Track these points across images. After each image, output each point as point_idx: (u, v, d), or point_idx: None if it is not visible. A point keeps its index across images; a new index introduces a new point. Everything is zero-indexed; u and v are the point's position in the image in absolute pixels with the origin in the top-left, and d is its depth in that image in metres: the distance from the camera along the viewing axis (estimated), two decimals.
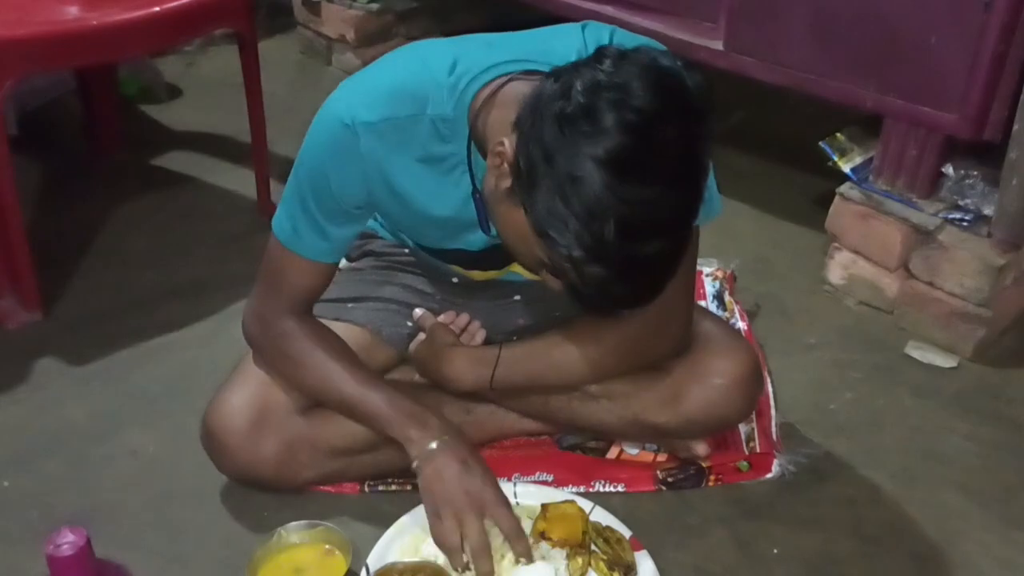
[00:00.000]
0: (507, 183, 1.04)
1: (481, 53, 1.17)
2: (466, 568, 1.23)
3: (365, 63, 2.82)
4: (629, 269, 0.99)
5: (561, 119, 0.97)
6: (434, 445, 1.26)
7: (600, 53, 1.00)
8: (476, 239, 1.28)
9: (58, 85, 2.48)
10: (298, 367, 1.33)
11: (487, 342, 1.44)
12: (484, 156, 1.16)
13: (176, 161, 2.39)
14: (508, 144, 1.03)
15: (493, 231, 1.19)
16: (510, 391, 1.42)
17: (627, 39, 1.18)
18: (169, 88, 2.72)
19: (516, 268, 1.39)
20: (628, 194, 0.95)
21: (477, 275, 1.42)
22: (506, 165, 1.04)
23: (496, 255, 1.30)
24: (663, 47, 1.20)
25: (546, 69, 1.12)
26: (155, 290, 1.91)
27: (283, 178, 2.26)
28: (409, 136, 1.17)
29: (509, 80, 1.13)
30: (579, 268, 0.99)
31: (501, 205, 1.08)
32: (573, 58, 1.10)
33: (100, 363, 1.70)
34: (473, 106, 1.15)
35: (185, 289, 1.91)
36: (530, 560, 1.24)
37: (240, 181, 2.23)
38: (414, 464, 1.27)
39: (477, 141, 1.16)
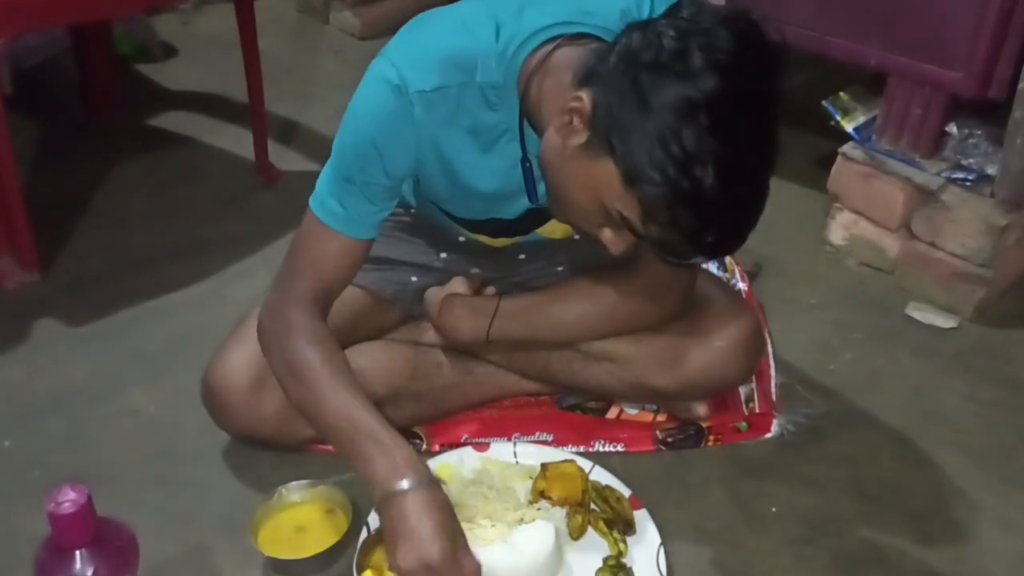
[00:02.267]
0: (580, 139, 1.03)
1: (523, 17, 1.15)
2: None
3: (363, 22, 2.81)
4: (722, 213, 0.99)
5: (655, 66, 0.97)
6: (400, 486, 1.10)
7: (677, 6, 1.02)
8: (515, 207, 1.26)
9: (52, 44, 2.45)
10: (289, 367, 1.22)
11: None
12: (533, 124, 1.15)
13: (173, 121, 2.37)
14: (587, 97, 1.02)
15: (541, 198, 1.18)
16: (508, 344, 1.42)
17: None
18: (165, 47, 2.69)
19: (539, 231, 1.38)
20: (726, 137, 0.95)
21: (492, 241, 1.41)
22: (577, 121, 1.03)
23: (526, 221, 1.29)
24: None
25: (592, 31, 1.12)
26: (153, 250, 1.90)
27: (281, 138, 2.27)
28: (459, 105, 1.15)
29: (558, 46, 1.12)
30: (674, 214, 0.99)
31: (572, 163, 1.06)
32: (617, 17, 1.11)
33: (99, 323, 1.70)
34: (523, 72, 1.13)
35: (183, 249, 1.90)
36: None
37: (237, 141, 2.22)
38: (375, 502, 1.14)
39: (527, 108, 1.15)
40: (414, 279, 1.46)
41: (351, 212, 1.22)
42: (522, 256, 1.47)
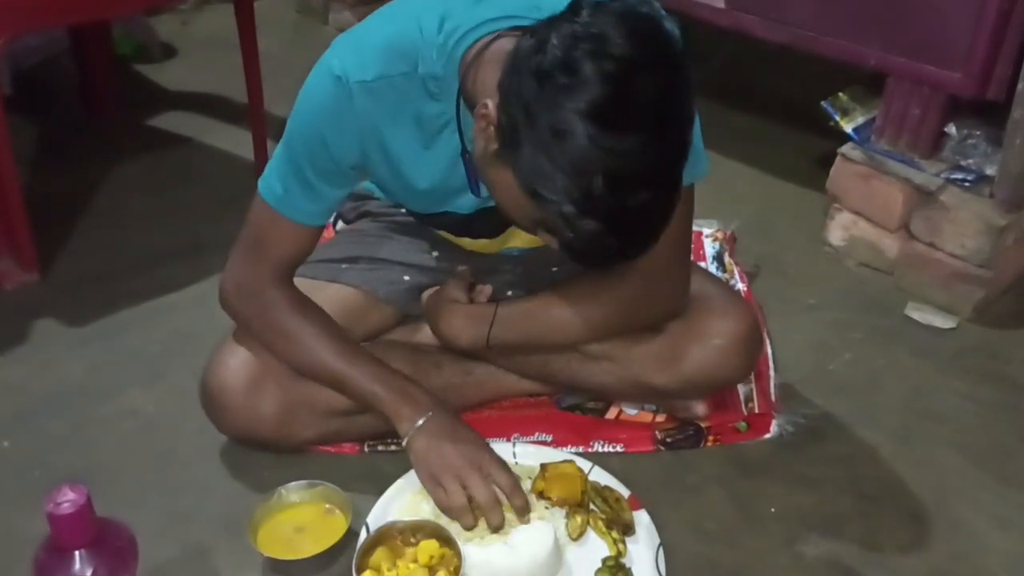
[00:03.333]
0: (494, 145, 1.03)
1: (470, 9, 1.15)
2: (475, 526, 1.24)
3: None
4: (620, 220, 0.98)
5: (539, 74, 0.95)
6: (421, 421, 1.28)
7: (576, 4, 0.99)
8: (465, 202, 1.26)
9: (52, 44, 2.46)
10: (285, 340, 1.31)
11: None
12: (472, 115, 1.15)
13: (172, 121, 2.37)
14: (492, 105, 1.02)
15: (483, 192, 1.18)
16: (507, 349, 1.42)
17: None
18: (164, 47, 2.70)
19: (511, 243, 1.39)
20: (613, 144, 0.93)
21: (467, 243, 1.41)
22: (491, 127, 1.03)
23: (488, 219, 1.29)
24: None
25: (533, 25, 1.10)
26: (153, 251, 1.90)
27: (279, 138, 2.26)
28: (402, 95, 1.16)
29: (496, 38, 1.11)
30: (571, 223, 0.98)
31: (491, 168, 1.06)
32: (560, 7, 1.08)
33: (99, 323, 1.70)
34: (463, 64, 1.13)
35: (183, 250, 1.90)
36: (527, 515, 1.25)
37: (237, 141, 2.22)
38: (404, 440, 1.28)
39: (467, 100, 1.15)
40: (407, 278, 1.46)
41: (293, 196, 1.24)
42: (515, 254, 1.47)
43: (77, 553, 1.02)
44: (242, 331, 1.35)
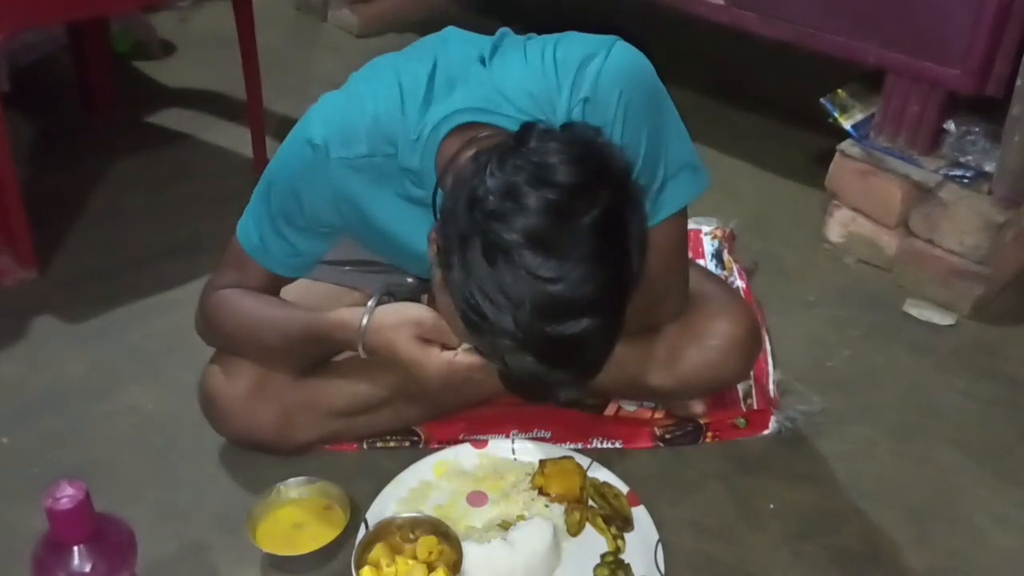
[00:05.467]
0: (440, 275, 1.01)
1: (448, 94, 1.14)
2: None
3: (361, 20, 2.81)
4: (555, 352, 0.95)
5: (472, 201, 0.94)
6: (365, 320, 1.20)
7: (525, 131, 0.98)
8: None
9: (50, 41, 2.45)
10: (233, 322, 1.29)
11: None
12: None
13: (171, 118, 2.36)
14: (436, 237, 1.01)
15: None
16: None
17: (570, 49, 1.16)
18: (162, 44, 2.69)
19: None
20: (543, 274, 0.91)
21: None
22: (439, 256, 1.01)
23: None
24: (611, 39, 1.18)
25: (498, 121, 1.11)
26: (151, 248, 1.90)
27: (279, 135, 2.24)
28: (387, 173, 1.16)
29: (469, 142, 1.09)
30: (506, 357, 0.96)
31: (441, 294, 1.04)
32: (527, 101, 1.11)
33: (97, 320, 1.70)
34: (439, 160, 1.13)
35: (181, 247, 1.90)
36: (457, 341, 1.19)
37: (235, 138, 2.22)
38: (360, 348, 1.22)
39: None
40: (410, 280, 1.46)
41: (270, 249, 1.25)
42: None
43: (76, 548, 1.02)
44: (203, 335, 1.35)
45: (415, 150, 1.14)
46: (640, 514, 1.31)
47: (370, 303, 1.22)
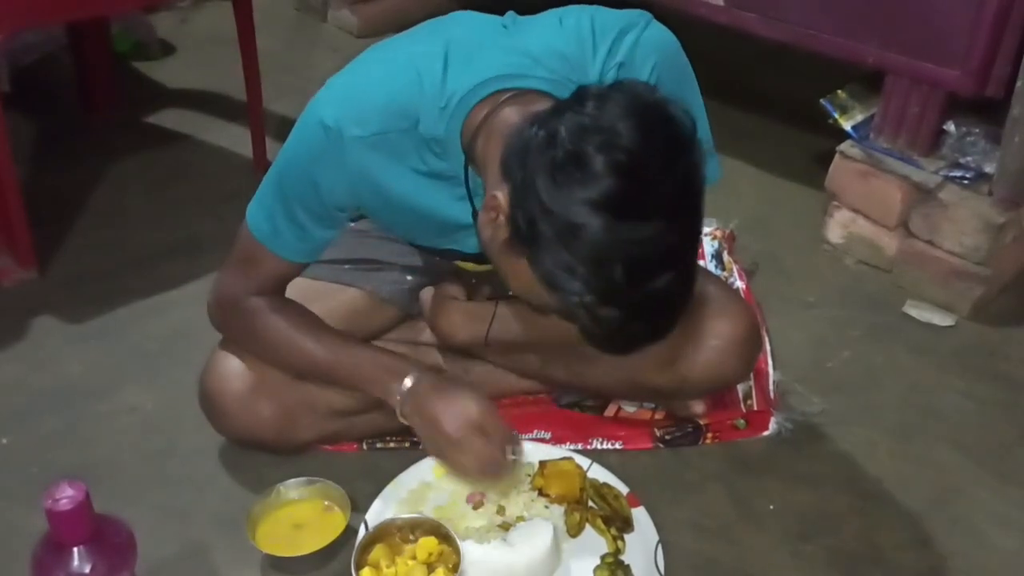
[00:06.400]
0: (504, 235, 1.04)
1: (471, 64, 1.14)
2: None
3: (361, 20, 2.81)
4: (642, 307, 0.99)
5: (553, 169, 0.96)
6: (408, 383, 1.26)
7: (581, 94, 1.00)
8: (470, 243, 1.25)
9: (50, 41, 2.45)
10: (265, 343, 1.31)
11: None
12: (482, 176, 1.14)
13: (171, 119, 2.36)
14: (502, 197, 1.02)
15: None
16: (506, 348, 1.42)
17: (608, 18, 1.17)
18: (162, 44, 2.69)
19: None
20: (630, 234, 0.95)
21: (471, 267, 1.41)
22: (502, 218, 1.03)
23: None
24: (647, 15, 1.20)
25: (536, 84, 1.12)
26: (151, 248, 1.90)
27: (279, 136, 2.26)
28: (403, 148, 1.15)
29: (501, 104, 1.10)
30: (592, 313, 0.99)
31: (503, 256, 1.07)
32: (557, 63, 1.12)
33: (97, 321, 1.70)
34: (467, 127, 1.13)
35: (181, 247, 1.90)
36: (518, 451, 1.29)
37: (235, 139, 2.22)
38: (400, 416, 1.27)
39: (474, 163, 1.14)
40: (409, 278, 1.46)
41: (282, 234, 1.24)
42: None
43: (76, 549, 1.02)
44: (229, 341, 1.35)
45: (441, 119, 1.13)
46: (640, 515, 1.31)
47: (408, 380, 1.26)
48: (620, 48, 1.16)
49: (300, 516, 1.30)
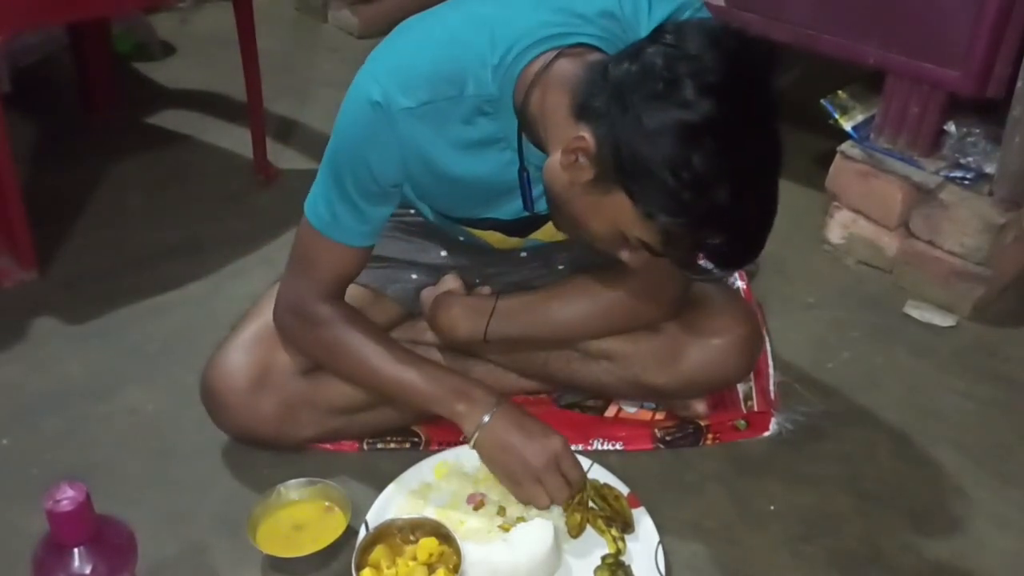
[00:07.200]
0: (588, 176, 1.05)
1: (515, 23, 1.14)
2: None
3: (361, 21, 2.81)
4: (744, 227, 1.02)
5: (654, 98, 0.98)
6: (487, 418, 1.27)
7: (659, 31, 1.02)
8: (510, 208, 1.26)
9: (50, 42, 2.45)
10: (335, 354, 1.32)
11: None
12: (530, 134, 1.15)
13: (171, 119, 2.36)
14: (589, 136, 1.04)
15: (538, 207, 1.20)
16: (506, 344, 1.42)
17: None
18: (163, 45, 2.70)
19: (537, 236, 1.39)
20: (733, 156, 0.97)
21: (497, 242, 1.41)
22: (584, 159, 1.04)
23: (523, 223, 1.30)
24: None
25: (587, 40, 1.13)
26: (152, 249, 1.90)
27: (279, 136, 2.27)
28: (450, 117, 1.15)
29: (556, 57, 1.12)
30: (696, 237, 1.01)
31: (583, 198, 1.08)
32: (597, 15, 1.13)
33: (98, 321, 1.70)
34: (520, 83, 1.13)
35: (182, 248, 1.90)
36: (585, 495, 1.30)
37: (236, 140, 2.22)
38: (471, 441, 1.29)
39: (525, 120, 1.15)
40: (415, 277, 1.46)
41: (342, 219, 1.24)
42: (523, 255, 1.47)
43: (76, 550, 1.02)
44: (293, 349, 1.35)
45: (495, 77, 1.13)
46: (641, 515, 1.31)
47: (486, 416, 1.28)
48: (676, 19, 1.16)
49: (300, 517, 1.30)
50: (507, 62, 1.13)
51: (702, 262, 1.06)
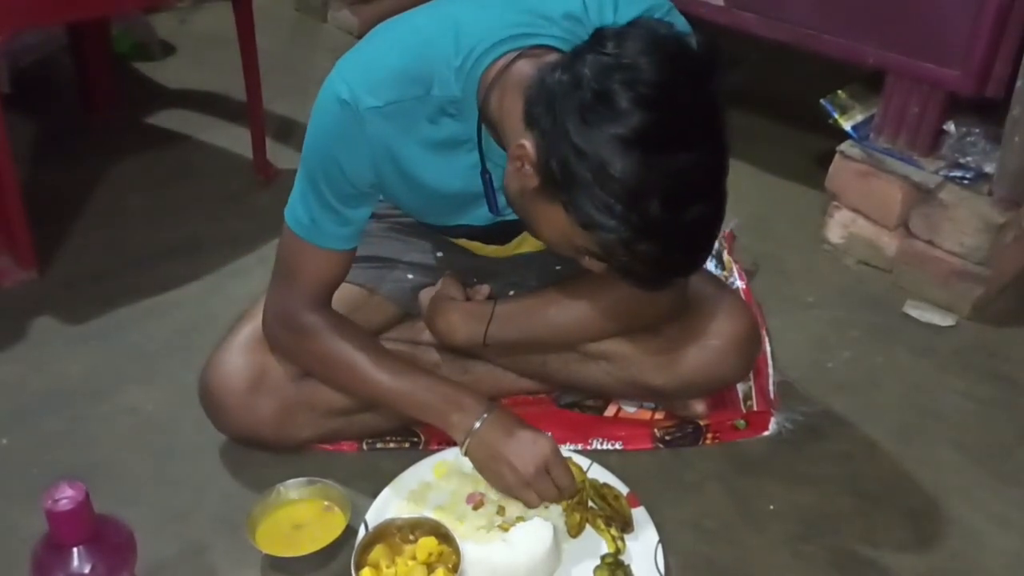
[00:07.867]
0: (534, 183, 1.05)
1: (481, 24, 1.14)
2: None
3: (361, 21, 2.81)
4: (680, 238, 1.01)
5: (582, 111, 0.97)
6: (477, 425, 1.27)
7: (599, 36, 1.01)
8: (482, 214, 1.26)
9: (50, 41, 2.45)
10: (325, 364, 1.32)
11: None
12: (494, 135, 1.15)
13: (171, 119, 2.37)
14: (529, 145, 1.03)
15: (503, 209, 1.20)
16: (504, 348, 1.42)
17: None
18: (162, 45, 2.70)
19: (521, 248, 1.39)
20: (663, 167, 0.96)
21: (478, 248, 1.41)
22: (528, 166, 1.04)
23: (502, 229, 1.30)
24: (668, 2, 1.21)
25: (548, 41, 1.12)
26: (151, 248, 1.90)
27: (279, 136, 2.27)
28: (417, 117, 1.15)
29: (516, 58, 1.11)
30: (631, 249, 1.00)
31: (533, 204, 1.08)
32: (561, 18, 1.12)
33: (97, 321, 1.70)
34: (482, 84, 1.13)
35: (182, 247, 1.90)
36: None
37: (235, 139, 2.22)
38: (463, 449, 1.28)
39: (487, 121, 1.15)
40: (411, 277, 1.46)
41: (321, 224, 1.24)
42: (522, 259, 1.46)
43: (75, 550, 1.02)
44: (283, 358, 1.35)
45: (458, 78, 1.13)
46: (640, 515, 1.31)
47: (476, 423, 1.27)
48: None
49: (300, 516, 1.30)
50: (469, 63, 1.13)
51: (646, 275, 1.05)
